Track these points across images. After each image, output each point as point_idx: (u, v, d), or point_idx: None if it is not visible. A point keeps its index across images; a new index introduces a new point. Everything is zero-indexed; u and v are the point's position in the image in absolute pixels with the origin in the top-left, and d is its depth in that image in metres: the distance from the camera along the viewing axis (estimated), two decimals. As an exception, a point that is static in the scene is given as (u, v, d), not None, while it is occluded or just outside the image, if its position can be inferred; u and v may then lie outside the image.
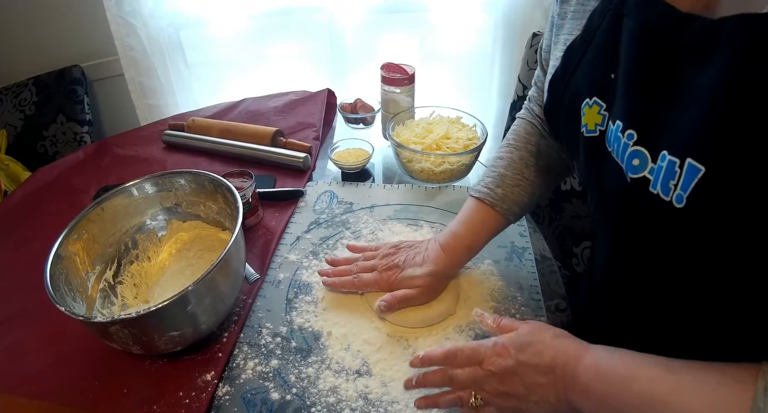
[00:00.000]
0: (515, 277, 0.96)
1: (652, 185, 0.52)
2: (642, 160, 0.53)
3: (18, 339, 0.90)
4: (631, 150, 0.55)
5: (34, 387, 0.81)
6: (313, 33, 2.02)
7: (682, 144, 0.48)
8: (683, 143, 0.48)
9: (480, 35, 2.01)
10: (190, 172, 0.96)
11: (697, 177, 0.46)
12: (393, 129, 1.26)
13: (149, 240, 0.99)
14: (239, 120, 1.48)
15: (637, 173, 0.54)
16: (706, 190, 0.46)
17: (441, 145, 1.19)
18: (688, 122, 0.48)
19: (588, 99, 0.64)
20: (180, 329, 0.76)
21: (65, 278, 0.81)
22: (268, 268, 1.00)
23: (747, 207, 0.44)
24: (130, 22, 1.82)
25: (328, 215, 1.13)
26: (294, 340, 0.86)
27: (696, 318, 0.64)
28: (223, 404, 0.77)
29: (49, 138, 1.95)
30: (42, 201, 1.25)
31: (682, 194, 0.48)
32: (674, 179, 0.48)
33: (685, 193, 0.47)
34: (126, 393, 0.79)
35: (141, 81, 1.96)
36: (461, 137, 1.20)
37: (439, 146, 1.19)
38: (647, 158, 0.53)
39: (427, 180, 1.20)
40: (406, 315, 0.87)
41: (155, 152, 1.40)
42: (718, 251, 0.49)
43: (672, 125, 0.50)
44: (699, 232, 0.49)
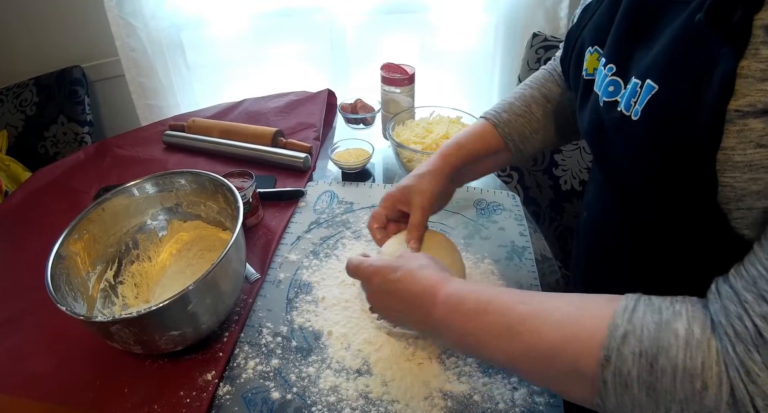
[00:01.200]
0: (515, 276, 0.96)
1: (619, 105, 0.60)
2: (616, 87, 0.62)
3: (19, 339, 0.90)
4: (608, 80, 0.64)
5: (35, 388, 0.81)
6: (313, 33, 2.02)
7: (646, 69, 0.57)
8: (646, 68, 0.57)
9: (481, 35, 2.01)
10: (191, 172, 0.96)
11: (651, 93, 0.55)
12: (393, 129, 1.26)
13: (150, 240, 0.99)
14: (240, 120, 1.48)
15: (610, 97, 0.63)
16: (656, 103, 0.55)
17: (441, 145, 1.18)
18: (653, 53, 0.57)
19: (590, 47, 0.72)
20: (181, 328, 0.76)
21: (66, 278, 0.81)
22: (269, 268, 1.00)
23: (683, 119, 0.51)
24: (130, 22, 1.82)
25: (329, 215, 1.13)
26: (294, 340, 0.86)
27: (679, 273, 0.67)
28: (224, 403, 0.77)
29: (49, 139, 1.95)
30: (42, 202, 1.25)
31: (638, 109, 0.57)
32: (635, 97, 0.57)
33: (640, 107, 0.56)
34: (127, 393, 0.79)
35: (141, 82, 1.96)
36: None
37: (439, 145, 1.18)
38: (621, 86, 0.62)
39: None
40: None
41: (156, 152, 1.40)
42: (663, 163, 0.56)
43: (643, 58, 0.59)
44: (647, 140, 0.56)
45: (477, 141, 0.92)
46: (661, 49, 0.56)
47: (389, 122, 1.27)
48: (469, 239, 1.04)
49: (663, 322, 0.48)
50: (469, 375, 0.79)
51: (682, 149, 0.52)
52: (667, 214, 0.63)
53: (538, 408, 0.74)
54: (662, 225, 0.66)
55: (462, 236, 1.05)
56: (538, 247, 1.05)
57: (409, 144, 1.20)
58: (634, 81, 0.58)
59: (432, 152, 1.13)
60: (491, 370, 0.79)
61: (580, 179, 1.46)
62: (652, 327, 0.48)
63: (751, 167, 0.47)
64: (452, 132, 1.22)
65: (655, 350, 0.46)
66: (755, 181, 0.48)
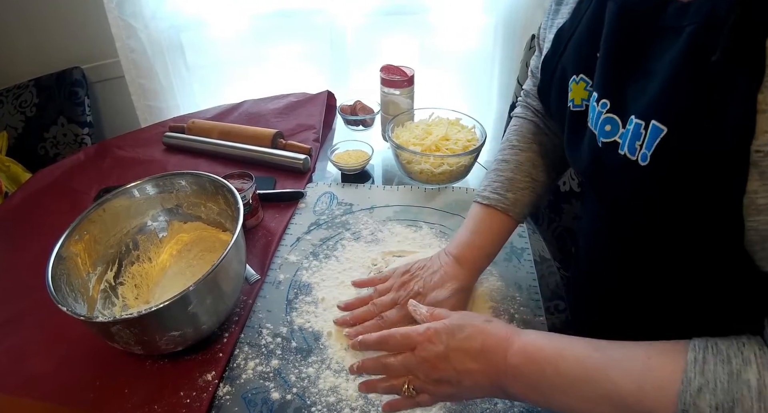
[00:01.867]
0: (514, 277, 0.96)
1: (621, 147, 0.57)
2: (613, 126, 0.58)
3: (19, 340, 0.90)
4: (604, 117, 0.60)
5: (36, 388, 0.81)
6: (313, 35, 2.02)
7: (648, 108, 0.53)
8: (649, 107, 0.53)
9: (480, 37, 2.01)
10: (191, 173, 0.97)
11: (660, 136, 0.51)
12: (392, 131, 1.26)
13: (150, 241, 0.99)
14: (239, 122, 1.48)
15: (608, 137, 0.59)
16: (667, 147, 0.51)
17: (440, 146, 1.19)
18: (654, 90, 0.53)
19: (575, 76, 0.68)
20: (181, 329, 0.76)
21: (67, 278, 0.82)
22: (269, 269, 1.00)
23: (701, 163, 0.48)
24: (130, 23, 1.82)
25: (328, 217, 1.13)
26: (294, 340, 0.86)
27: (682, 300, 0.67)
28: (224, 404, 0.77)
29: (49, 140, 1.96)
30: (43, 202, 1.25)
31: (646, 153, 0.53)
32: (639, 140, 0.53)
33: (649, 151, 0.52)
34: (127, 393, 0.79)
35: (141, 83, 1.96)
36: (460, 138, 1.21)
37: (439, 147, 1.20)
38: (618, 124, 0.58)
39: (426, 181, 1.21)
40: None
41: (156, 153, 1.41)
42: (679, 207, 0.53)
43: (641, 94, 0.55)
44: (661, 187, 0.53)
45: (497, 239, 0.87)
46: (662, 86, 0.52)
47: (389, 123, 1.27)
48: (468, 241, 1.04)
49: (734, 372, 0.47)
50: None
51: (701, 193, 0.50)
52: (681, 254, 0.62)
53: (537, 408, 0.75)
54: (673, 263, 0.65)
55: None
56: (537, 248, 1.05)
57: (409, 146, 1.20)
58: (636, 122, 0.54)
59: (431, 154, 1.13)
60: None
61: (579, 181, 1.46)
62: (724, 379, 0.47)
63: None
64: (451, 133, 1.22)
65: (730, 403, 0.46)
66: None
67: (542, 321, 0.88)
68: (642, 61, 0.57)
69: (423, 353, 0.66)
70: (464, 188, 1.19)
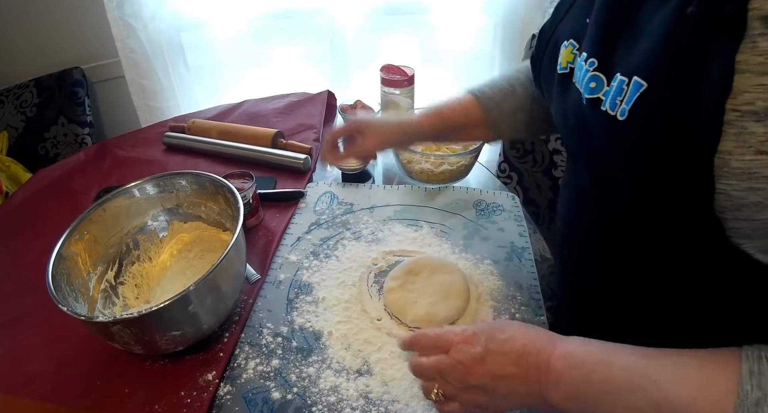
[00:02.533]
0: (515, 277, 0.96)
1: (603, 104, 0.57)
2: (598, 83, 0.58)
3: (20, 340, 0.90)
4: (590, 75, 0.60)
5: (37, 388, 0.81)
6: (313, 35, 2.02)
7: (632, 65, 0.53)
8: (633, 65, 0.53)
9: (480, 37, 2.01)
10: (192, 173, 0.97)
11: (639, 91, 0.51)
12: None
13: (150, 241, 0.99)
14: (239, 122, 1.48)
15: (592, 94, 0.59)
16: (645, 102, 0.51)
17: (440, 146, 1.20)
18: (640, 48, 0.53)
19: (566, 41, 0.69)
20: (181, 329, 0.76)
21: (67, 278, 0.82)
22: (269, 268, 1.00)
23: (676, 120, 0.48)
24: (131, 24, 1.82)
25: (329, 216, 1.13)
26: (295, 340, 0.86)
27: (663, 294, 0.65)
28: (225, 403, 0.77)
29: (50, 140, 1.96)
30: (43, 203, 1.25)
31: (625, 108, 0.53)
32: (621, 96, 0.54)
33: (628, 106, 0.53)
34: (127, 393, 0.79)
35: (142, 83, 1.96)
36: None
37: (439, 146, 1.20)
38: (603, 82, 0.58)
39: (426, 181, 1.21)
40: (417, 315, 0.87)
41: (156, 153, 1.41)
42: (653, 168, 0.53)
43: (628, 53, 0.55)
44: (636, 144, 0.54)
45: (459, 114, 0.96)
46: (649, 45, 0.52)
47: None
48: (468, 240, 1.05)
49: None
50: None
51: (674, 151, 0.49)
52: (655, 220, 0.60)
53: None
54: (649, 233, 0.63)
55: (461, 237, 1.05)
56: (538, 248, 1.05)
57: (409, 145, 1.20)
58: (620, 78, 0.54)
59: (431, 153, 1.13)
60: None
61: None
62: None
63: (750, 175, 0.44)
64: None
65: None
66: (754, 191, 0.45)
67: (543, 321, 0.87)
68: (631, 23, 0.56)
69: (458, 355, 0.63)
70: (465, 188, 1.19)
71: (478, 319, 0.88)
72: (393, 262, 1.00)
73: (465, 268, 0.97)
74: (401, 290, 0.90)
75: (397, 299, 0.89)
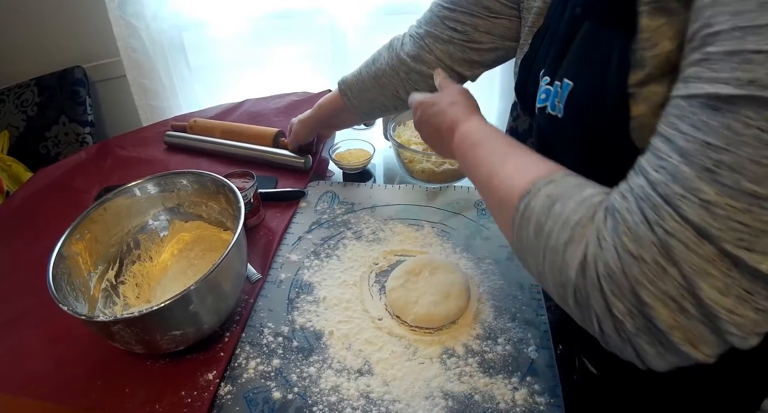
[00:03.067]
0: (516, 276, 0.96)
1: (548, 108, 0.66)
2: (548, 94, 0.67)
3: (20, 340, 0.90)
4: (543, 88, 0.69)
5: (37, 388, 0.81)
6: (314, 35, 2.03)
7: (563, 70, 0.63)
8: (564, 69, 0.63)
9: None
10: (193, 172, 0.97)
11: (568, 90, 0.61)
12: (394, 130, 1.26)
13: (151, 240, 0.99)
14: (241, 121, 1.48)
15: (542, 103, 0.68)
16: (573, 99, 0.60)
17: None
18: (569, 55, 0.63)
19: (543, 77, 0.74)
20: (182, 328, 0.76)
21: (68, 278, 0.81)
22: (270, 268, 1.00)
23: (596, 106, 0.57)
24: (132, 23, 1.83)
25: (330, 216, 1.13)
26: (296, 340, 0.86)
27: None
28: (225, 403, 0.77)
29: (51, 139, 1.96)
30: (44, 202, 1.25)
31: (561, 107, 0.62)
32: (558, 97, 0.63)
33: (562, 104, 0.62)
34: (128, 393, 0.79)
35: (143, 82, 1.96)
36: None
37: None
38: (550, 92, 0.67)
39: (428, 180, 1.21)
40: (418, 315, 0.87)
41: (157, 152, 1.41)
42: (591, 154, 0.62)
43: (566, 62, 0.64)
44: (573, 136, 0.63)
45: (328, 104, 1.14)
46: (572, 52, 0.62)
47: (390, 122, 1.27)
48: (470, 240, 1.05)
49: (583, 183, 0.52)
50: (470, 375, 0.79)
51: (601, 137, 0.58)
52: None
53: (539, 408, 0.74)
54: None
55: (463, 237, 1.05)
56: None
57: (410, 145, 1.20)
58: (556, 83, 0.64)
59: (433, 153, 1.13)
60: (492, 370, 0.80)
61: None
62: (572, 183, 0.52)
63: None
64: None
65: (559, 196, 0.50)
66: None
67: (544, 320, 0.87)
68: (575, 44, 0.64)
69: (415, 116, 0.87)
70: (466, 188, 1.19)
71: (480, 319, 0.88)
72: (394, 262, 1.00)
73: (466, 268, 0.97)
74: (402, 290, 0.90)
75: (398, 299, 0.89)
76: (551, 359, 0.81)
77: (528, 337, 0.85)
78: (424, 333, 0.86)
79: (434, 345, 0.83)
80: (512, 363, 0.81)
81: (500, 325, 0.87)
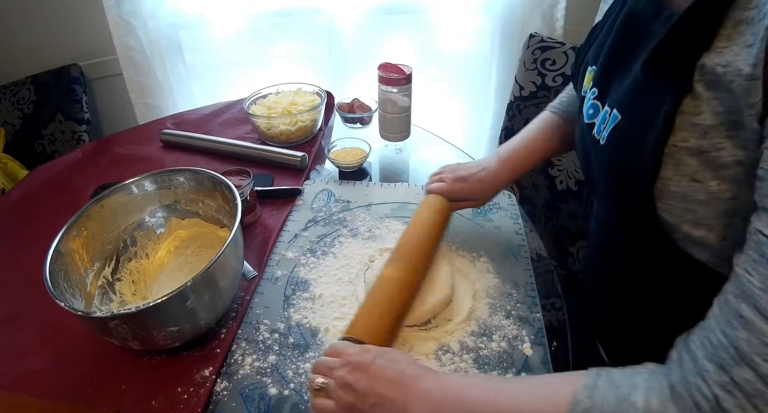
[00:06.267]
0: (511, 274, 0.96)
1: (595, 130, 0.69)
2: (595, 110, 0.70)
3: (17, 337, 0.90)
4: (591, 102, 0.72)
5: (34, 385, 0.81)
6: (311, 34, 2.02)
7: (615, 100, 0.65)
8: (615, 99, 0.65)
9: (478, 37, 2.02)
10: (190, 170, 0.97)
11: (615, 122, 0.63)
12: (249, 108, 1.42)
13: (148, 238, 0.99)
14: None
15: (590, 119, 0.71)
16: (617, 132, 0.63)
17: (292, 110, 1.39)
18: (623, 87, 0.64)
19: (590, 66, 0.78)
20: (179, 324, 0.76)
21: (64, 275, 0.82)
22: (266, 265, 1.00)
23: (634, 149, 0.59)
24: (129, 21, 1.82)
25: (326, 214, 1.13)
26: (292, 336, 0.86)
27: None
28: (222, 399, 0.77)
29: (47, 137, 1.95)
30: (40, 200, 1.25)
31: (605, 135, 0.65)
32: (604, 123, 0.66)
33: (607, 133, 0.65)
34: (124, 390, 0.79)
35: (139, 81, 1.96)
36: (306, 100, 1.44)
37: (290, 111, 1.39)
38: (599, 110, 0.69)
39: (287, 141, 1.38)
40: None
41: (154, 150, 1.41)
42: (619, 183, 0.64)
43: (617, 89, 0.66)
44: (610, 164, 0.65)
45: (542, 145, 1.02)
46: (628, 84, 0.63)
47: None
48: (465, 238, 1.05)
49: (622, 396, 0.49)
50: (465, 371, 0.79)
51: (632, 175, 0.60)
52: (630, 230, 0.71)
53: None
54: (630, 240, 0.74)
55: (458, 235, 1.05)
56: (534, 246, 1.06)
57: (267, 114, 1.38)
58: (606, 108, 0.66)
59: (283, 116, 1.30)
60: (487, 367, 0.80)
61: (576, 179, 1.46)
62: (612, 402, 0.49)
63: (684, 198, 0.55)
64: (297, 99, 1.44)
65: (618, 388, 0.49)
66: (689, 211, 0.55)
67: (539, 318, 0.88)
68: (628, 60, 0.64)
69: (349, 357, 0.67)
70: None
71: (475, 316, 0.88)
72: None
73: (461, 265, 0.98)
74: None
75: None
76: (546, 355, 0.82)
77: (523, 334, 0.85)
78: (419, 330, 0.86)
79: (429, 342, 0.84)
80: (507, 359, 0.81)
81: (495, 322, 0.87)
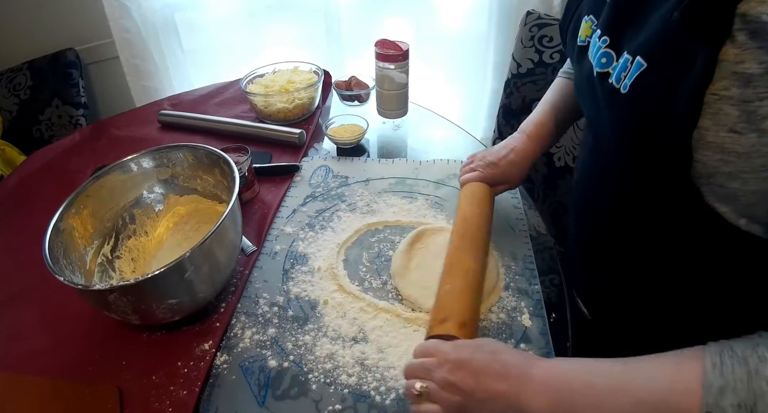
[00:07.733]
0: (510, 248, 0.97)
1: (611, 77, 0.64)
2: (609, 59, 0.66)
3: (19, 317, 0.90)
4: (602, 51, 0.68)
5: (35, 364, 0.82)
6: (308, 15, 2.01)
7: (637, 47, 0.60)
8: (638, 46, 0.60)
9: (475, 15, 2.00)
10: (188, 146, 0.97)
11: (640, 70, 0.59)
12: (246, 87, 1.41)
13: (146, 215, 0.99)
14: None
15: (603, 68, 0.67)
16: (643, 80, 0.59)
17: (289, 88, 1.40)
18: (646, 34, 0.60)
19: (587, 16, 0.76)
20: (178, 297, 0.76)
21: (64, 252, 0.82)
22: (265, 240, 1.01)
23: (667, 97, 0.55)
24: (124, 4, 1.82)
25: (324, 189, 1.13)
26: (291, 309, 0.87)
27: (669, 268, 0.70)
28: (222, 372, 0.78)
29: (44, 122, 1.95)
30: (39, 184, 1.25)
31: (627, 83, 0.61)
32: (625, 72, 0.61)
33: (629, 81, 0.60)
34: (125, 366, 0.80)
35: (136, 63, 1.95)
36: (303, 79, 1.44)
37: (288, 88, 1.39)
38: (613, 58, 0.66)
39: (284, 119, 1.38)
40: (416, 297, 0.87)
41: (151, 131, 1.41)
42: (645, 137, 0.60)
43: (634, 36, 0.62)
44: (633, 114, 0.61)
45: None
46: (651, 33, 0.59)
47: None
48: (463, 212, 1.05)
49: (752, 372, 0.49)
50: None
51: (662, 124, 0.56)
52: (642, 180, 0.67)
53: None
54: (641, 190, 0.69)
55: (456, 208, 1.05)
56: (533, 223, 1.06)
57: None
58: (626, 56, 0.61)
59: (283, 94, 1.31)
60: (486, 338, 0.80)
61: (574, 156, 1.46)
62: (744, 378, 0.49)
63: (722, 149, 0.52)
64: (294, 77, 1.44)
65: (752, 400, 0.47)
66: (726, 163, 0.52)
67: (537, 289, 0.88)
68: (642, 8, 0.63)
69: (446, 356, 0.64)
70: (460, 161, 1.19)
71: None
72: (388, 232, 1.01)
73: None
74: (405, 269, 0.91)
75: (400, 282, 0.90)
76: (544, 327, 0.82)
77: (522, 306, 0.86)
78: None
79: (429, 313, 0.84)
80: (506, 330, 0.82)
81: (494, 293, 0.88)
